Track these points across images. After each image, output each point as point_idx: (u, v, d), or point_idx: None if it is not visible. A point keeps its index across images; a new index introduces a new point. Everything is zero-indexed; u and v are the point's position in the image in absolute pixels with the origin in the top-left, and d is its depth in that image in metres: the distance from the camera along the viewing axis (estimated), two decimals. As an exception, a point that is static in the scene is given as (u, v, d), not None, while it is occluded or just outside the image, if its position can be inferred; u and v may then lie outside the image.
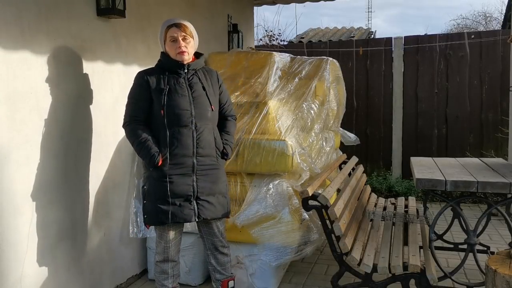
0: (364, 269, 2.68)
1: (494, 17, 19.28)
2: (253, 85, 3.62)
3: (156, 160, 2.48)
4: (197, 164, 2.53)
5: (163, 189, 2.50)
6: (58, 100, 2.68)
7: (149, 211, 2.55)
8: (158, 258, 2.62)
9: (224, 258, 2.73)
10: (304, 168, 3.28)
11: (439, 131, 6.20)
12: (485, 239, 4.06)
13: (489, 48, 5.93)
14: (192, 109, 2.53)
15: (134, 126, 2.55)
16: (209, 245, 2.72)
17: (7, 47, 2.34)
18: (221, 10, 4.91)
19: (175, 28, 2.54)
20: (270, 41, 7.97)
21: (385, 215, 3.60)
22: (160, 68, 2.61)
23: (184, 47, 2.54)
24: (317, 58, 4.06)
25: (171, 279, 2.63)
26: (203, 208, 2.55)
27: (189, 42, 2.57)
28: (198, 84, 2.59)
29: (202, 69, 2.68)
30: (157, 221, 2.54)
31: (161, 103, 2.49)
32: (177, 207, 2.50)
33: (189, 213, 2.52)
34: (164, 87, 2.52)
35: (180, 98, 2.51)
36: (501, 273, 2.24)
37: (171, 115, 2.49)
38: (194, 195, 2.53)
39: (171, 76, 2.56)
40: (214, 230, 2.68)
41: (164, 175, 2.50)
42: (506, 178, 2.75)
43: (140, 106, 2.56)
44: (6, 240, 2.37)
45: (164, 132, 2.51)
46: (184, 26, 2.56)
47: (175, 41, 2.54)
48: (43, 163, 2.58)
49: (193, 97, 2.55)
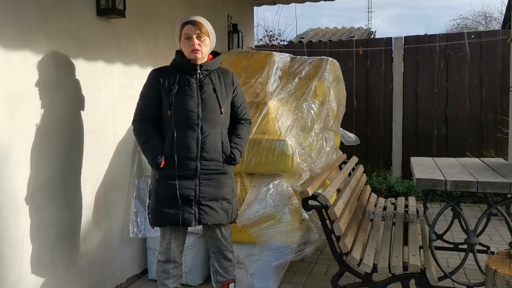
0: (364, 269, 2.68)
1: (494, 17, 19.30)
2: (253, 85, 3.62)
3: (159, 161, 2.45)
4: (200, 168, 2.47)
5: (164, 190, 2.48)
6: (58, 100, 2.68)
7: (151, 211, 2.55)
8: (160, 257, 2.61)
9: (227, 262, 2.69)
10: (304, 168, 3.28)
11: (439, 131, 6.20)
12: (485, 239, 4.06)
13: (489, 48, 5.93)
14: (200, 111, 2.46)
15: (141, 125, 2.54)
16: (213, 249, 2.68)
17: (7, 47, 2.34)
18: (221, 10, 4.91)
19: (191, 25, 2.47)
20: (270, 41, 7.97)
21: (385, 215, 3.60)
22: (174, 67, 2.56)
23: (197, 45, 2.46)
24: (317, 58, 4.06)
25: (172, 279, 2.61)
26: (204, 213, 2.49)
27: (203, 40, 2.49)
28: (209, 85, 2.52)
29: (217, 70, 2.60)
30: (157, 222, 2.53)
31: (169, 103, 2.46)
32: (177, 210, 2.46)
33: (188, 217, 2.47)
34: (173, 87, 2.47)
35: (188, 99, 2.46)
36: (501, 273, 2.24)
37: (178, 116, 2.45)
38: (196, 199, 2.48)
39: (183, 76, 2.51)
40: (217, 235, 2.63)
41: (167, 176, 2.47)
42: (506, 178, 2.75)
43: (149, 105, 2.53)
44: (5, 240, 2.36)
45: (171, 133, 2.47)
46: (200, 24, 2.48)
47: (189, 38, 2.47)
48: (43, 163, 2.58)
49: (202, 99, 2.48)
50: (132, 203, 3.24)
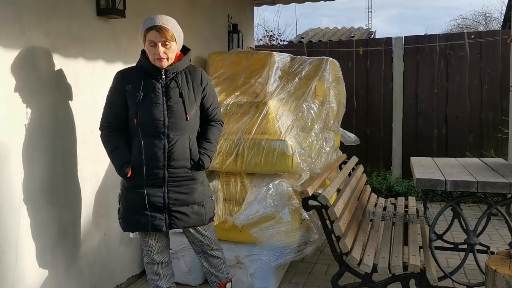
0: (364, 269, 2.68)
1: (494, 17, 19.31)
2: (253, 85, 3.62)
3: (126, 171, 2.38)
4: (168, 176, 2.41)
5: (133, 198, 2.43)
6: (58, 100, 2.68)
7: (122, 218, 2.50)
8: (146, 259, 2.59)
9: (215, 260, 2.65)
10: (304, 168, 3.28)
11: (439, 131, 6.20)
12: (485, 239, 4.06)
13: (489, 48, 5.93)
14: (166, 119, 2.37)
15: (107, 133, 2.47)
16: (197, 250, 2.64)
17: (7, 47, 2.34)
18: (221, 10, 4.91)
19: (155, 32, 2.32)
20: (270, 41, 7.97)
21: (385, 215, 3.60)
22: (139, 68, 2.45)
23: (163, 53, 2.34)
24: (317, 58, 4.06)
25: (164, 279, 2.59)
26: (175, 219, 2.45)
27: (169, 47, 2.36)
28: (175, 90, 2.41)
29: (185, 70, 2.49)
30: (127, 228, 2.51)
31: (135, 111, 2.38)
32: (147, 217, 2.42)
33: (159, 223, 2.43)
34: (138, 94, 2.38)
35: (153, 107, 2.36)
36: (501, 273, 2.24)
37: (144, 124, 2.37)
38: (165, 206, 2.43)
39: (148, 81, 2.40)
40: (195, 236, 2.58)
41: (135, 185, 2.42)
42: (506, 178, 2.75)
43: (115, 112, 2.45)
44: (5, 240, 2.36)
45: (137, 141, 2.40)
46: (165, 30, 2.32)
47: (154, 46, 2.34)
48: (43, 163, 2.58)
49: (168, 106, 2.38)
50: (132, 203, 3.23)
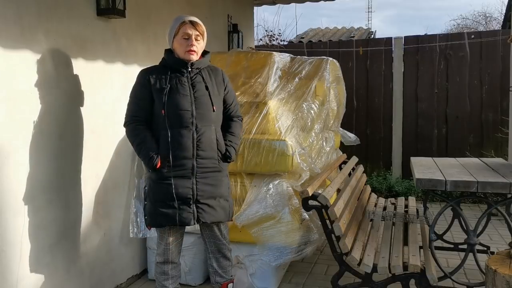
0: (364, 269, 2.68)
1: (494, 17, 19.29)
2: (253, 85, 3.61)
3: (155, 162, 2.43)
4: (197, 167, 2.47)
5: (161, 191, 2.47)
6: (58, 100, 2.68)
7: (149, 213, 2.54)
8: (158, 259, 2.61)
9: (226, 261, 2.70)
10: (304, 168, 3.28)
11: (439, 131, 6.20)
12: (485, 239, 4.06)
13: (489, 48, 5.93)
14: (194, 109, 2.46)
15: (134, 126, 2.52)
16: (212, 248, 2.67)
17: (7, 47, 2.34)
18: (221, 10, 4.91)
19: (190, 25, 2.48)
20: (270, 41, 7.97)
21: (385, 215, 3.60)
22: (163, 66, 2.56)
23: (195, 46, 2.49)
24: (317, 58, 4.06)
25: (171, 280, 2.62)
26: (202, 212, 2.49)
27: (199, 42, 2.52)
28: (201, 83, 2.52)
29: (207, 68, 2.61)
30: (156, 223, 2.52)
31: (162, 103, 2.44)
32: (175, 210, 2.45)
33: (187, 217, 2.47)
34: (165, 86, 2.46)
35: (181, 97, 2.46)
36: (501, 273, 2.24)
37: (172, 115, 2.44)
38: (194, 198, 2.47)
39: (174, 75, 2.50)
40: (216, 233, 2.64)
41: (163, 177, 2.46)
42: (506, 178, 2.75)
43: (141, 106, 2.52)
44: (6, 240, 2.36)
45: (165, 133, 2.46)
46: (199, 25, 2.50)
47: (188, 38, 2.48)
48: (43, 163, 2.58)
49: (195, 97, 2.48)
50: (132, 203, 3.24)
